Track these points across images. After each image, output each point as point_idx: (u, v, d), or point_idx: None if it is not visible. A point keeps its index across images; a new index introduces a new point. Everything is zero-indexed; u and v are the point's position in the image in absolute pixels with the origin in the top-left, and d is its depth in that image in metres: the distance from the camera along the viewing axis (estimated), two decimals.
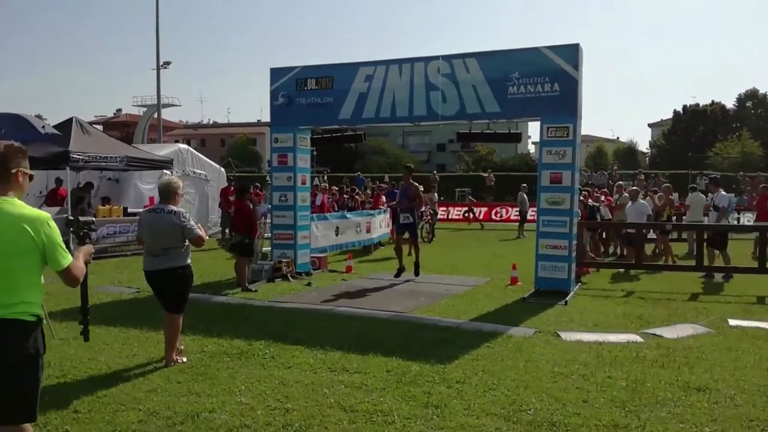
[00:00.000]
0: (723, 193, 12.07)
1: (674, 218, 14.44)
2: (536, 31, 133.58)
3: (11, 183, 2.99)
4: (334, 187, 20.74)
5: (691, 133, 53.63)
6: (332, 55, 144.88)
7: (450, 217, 25.21)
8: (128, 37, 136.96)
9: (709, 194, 11.95)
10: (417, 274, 10.62)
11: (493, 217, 25.07)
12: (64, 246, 3.03)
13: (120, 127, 61.73)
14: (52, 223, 3.01)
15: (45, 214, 3.02)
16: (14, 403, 2.92)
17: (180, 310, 5.62)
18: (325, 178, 27.39)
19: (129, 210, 15.00)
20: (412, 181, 10.85)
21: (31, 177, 3.14)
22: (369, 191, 21.32)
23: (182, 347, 5.78)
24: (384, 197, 17.68)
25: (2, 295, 2.89)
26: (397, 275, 10.48)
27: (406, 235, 10.74)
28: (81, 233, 3.64)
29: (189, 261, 5.60)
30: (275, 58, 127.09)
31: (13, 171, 2.99)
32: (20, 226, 2.90)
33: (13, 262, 2.90)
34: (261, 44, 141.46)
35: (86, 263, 3.24)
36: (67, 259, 3.01)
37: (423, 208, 17.66)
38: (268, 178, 15.49)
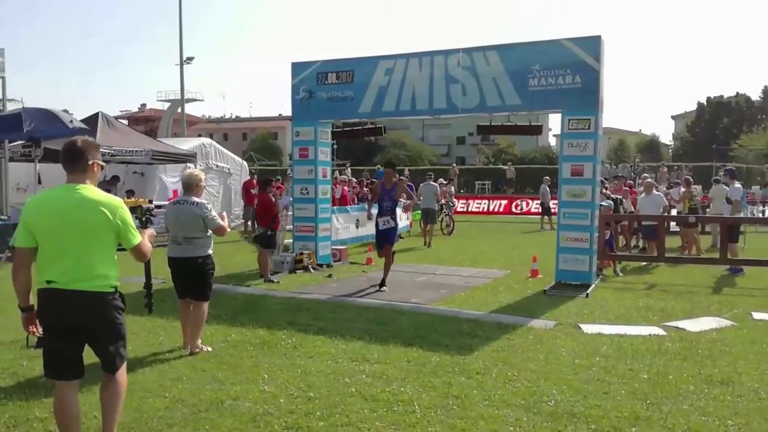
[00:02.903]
0: (737, 185, 11.85)
1: (699, 210, 14.22)
2: (557, 23, 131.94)
3: (88, 172, 3.40)
4: (354, 179, 20.81)
5: (716, 124, 52.65)
6: (354, 49, 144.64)
7: (469, 209, 25.22)
8: (152, 33, 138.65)
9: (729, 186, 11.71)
10: (383, 284, 9.01)
11: (514, 209, 25.01)
12: (135, 227, 3.45)
13: (144, 122, 62.66)
14: (125, 207, 3.45)
15: (118, 200, 3.45)
16: (111, 359, 3.46)
17: (206, 298, 5.76)
18: (348, 171, 27.45)
19: (154, 203, 15.24)
20: (399, 177, 9.68)
21: (102, 167, 3.53)
22: None
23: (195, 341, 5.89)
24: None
25: (86, 270, 3.30)
26: (381, 286, 8.97)
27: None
28: (144, 218, 4.05)
29: (210, 251, 5.73)
30: (296, 53, 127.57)
31: (90, 162, 3.40)
32: (99, 209, 3.29)
33: (94, 241, 3.31)
34: (282, 39, 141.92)
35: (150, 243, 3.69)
36: (137, 238, 3.46)
37: (442, 201, 17.67)
38: (289, 171, 15.60)
